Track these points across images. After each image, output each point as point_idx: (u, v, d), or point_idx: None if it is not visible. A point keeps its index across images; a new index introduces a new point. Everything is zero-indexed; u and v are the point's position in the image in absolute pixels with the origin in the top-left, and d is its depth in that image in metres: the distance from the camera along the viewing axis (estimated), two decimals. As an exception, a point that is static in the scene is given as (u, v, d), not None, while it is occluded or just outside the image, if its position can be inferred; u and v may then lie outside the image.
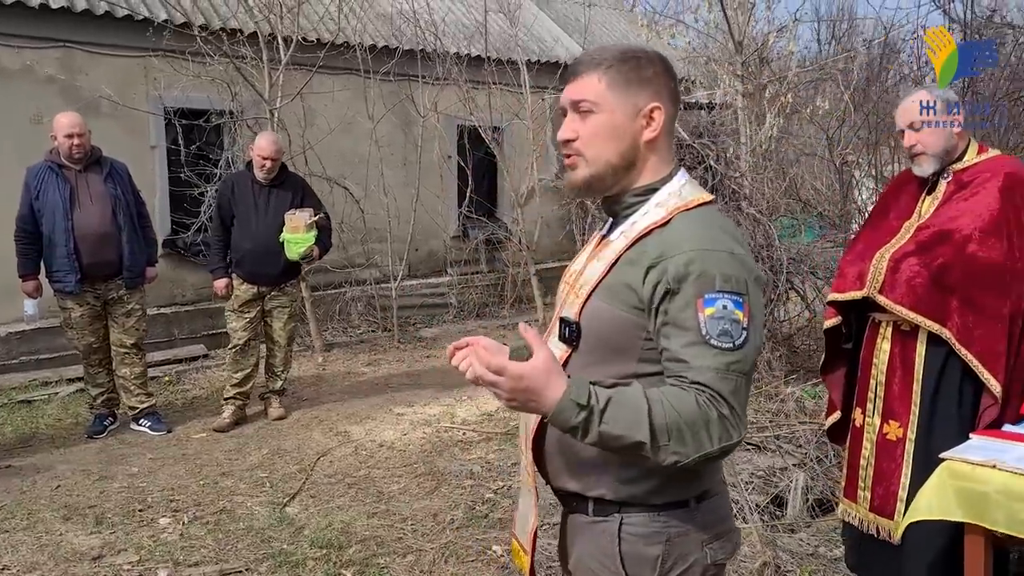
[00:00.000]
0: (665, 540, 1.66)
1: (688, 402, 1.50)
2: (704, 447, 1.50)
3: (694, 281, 1.53)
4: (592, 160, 1.69)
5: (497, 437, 5.57)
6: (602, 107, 1.66)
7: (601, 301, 1.65)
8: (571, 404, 1.48)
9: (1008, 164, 3.09)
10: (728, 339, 1.52)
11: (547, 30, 12.12)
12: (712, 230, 1.62)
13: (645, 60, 1.70)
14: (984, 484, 2.58)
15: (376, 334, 9.08)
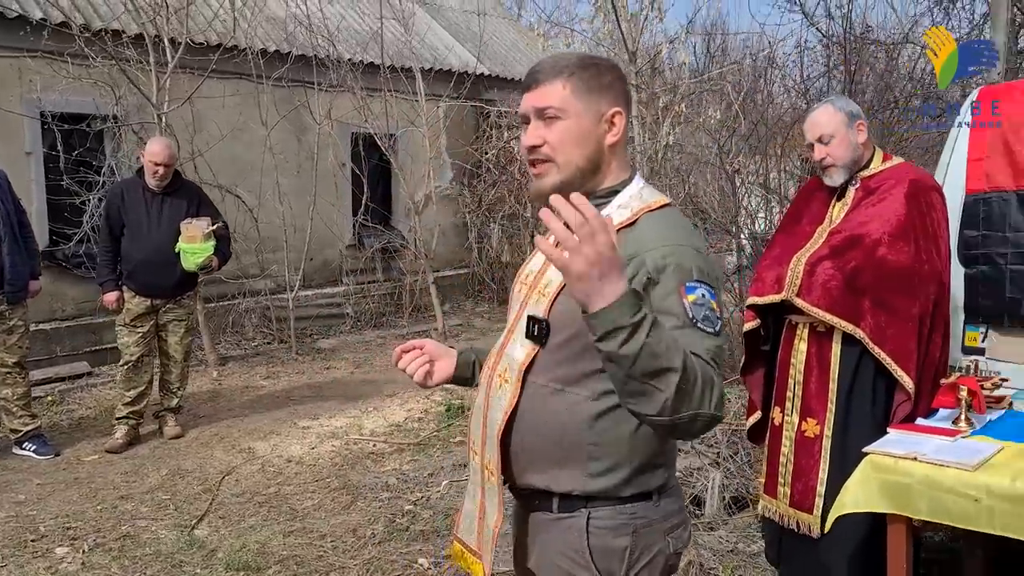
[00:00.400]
0: (632, 532, 1.70)
1: (701, 361, 1.50)
2: (704, 406, 1.47)
3: (674, 272, 1.59)
4: (563, 165, 1.72)
5: (410, 448, 5.50)
6: (568, 113, 1.70)
7: (571, 299, 1.63)
8: (633, 300, 1.38)
9: (912, 171, 3.26)
10: (711, 325, 1.58)
11: (440, 38, 12.09)
12: (680, 229, 1.69)
13: (604, 67, 1.76)
14: (907, 476, 2.70)
15: (272, 346, 8.83)
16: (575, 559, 1.71)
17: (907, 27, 11.11)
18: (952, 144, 3.61)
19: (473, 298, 11.74)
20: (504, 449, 1.75)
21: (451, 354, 2.02)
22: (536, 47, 14.35)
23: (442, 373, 2.00)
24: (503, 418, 1.73)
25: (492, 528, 1.78)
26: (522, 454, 1.73)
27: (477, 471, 1.84)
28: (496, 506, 1.77)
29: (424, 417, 6.32)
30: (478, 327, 10.23)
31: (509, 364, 1.76)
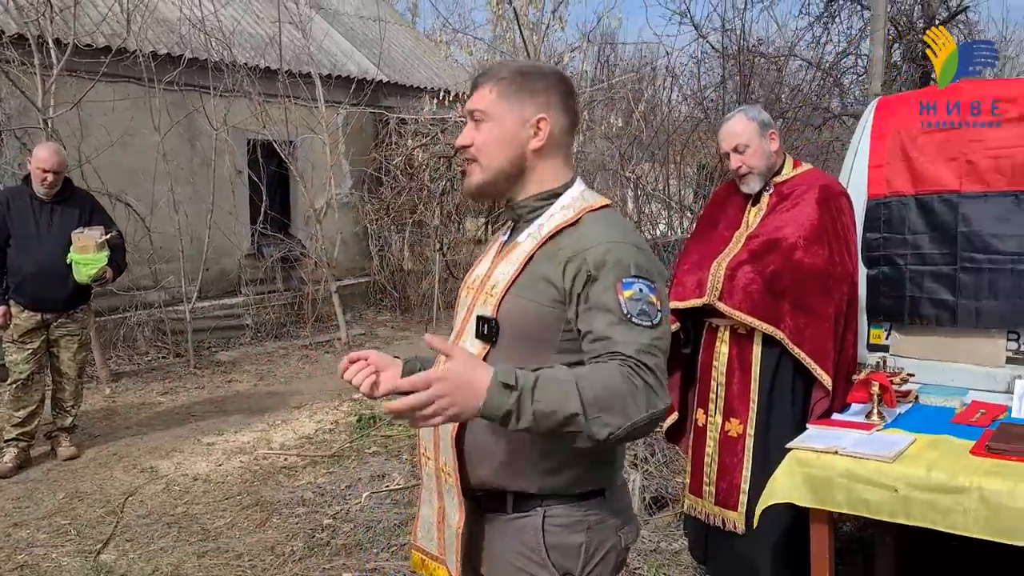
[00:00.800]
0: (586, 528, 1.74)
1: (613, 374, 1.55)
2: (633, 416, 1.53)
3: (612, 268, 1.64)
4: (485, 166, 1.78)
5: (324, 460, 5.38)
6: (492, 116, 1.77)
7: (520, 297, 1.72)
8: (500, 388, 1.46)
9: (821, 177, 3.41)
10: (647, 318, 1.62)
11: (337, 44, 11.92)
12: (620, 227, 1.75)
13: (537, 75, 1.81)
14: (828, 469, 2.81)
15: (168, 360, 8.50)
16: (532, 558, 1.73)
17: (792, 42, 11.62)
18: (854, 151, 3.79)
19: (375, 307, 11.61)
20: (458, 450, 1.76)
21: (396, 364, 2.00)
22: (435, 54, 14.36)
23: (388, 383, 1.97)
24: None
25: (455, 528, 1.78)
26: (475, 453, 1.75)
27: (432, 476, 1.85)
28: (456, 506, 1.78)
29: (335, 428, 6.20)
30: (382, 336, 10.12)
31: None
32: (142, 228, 8.54)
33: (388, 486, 4.70)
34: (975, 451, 2.78)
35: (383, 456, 5.33)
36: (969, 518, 2.57)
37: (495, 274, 1.79)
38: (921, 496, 2.66)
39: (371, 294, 11.68)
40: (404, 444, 5.55)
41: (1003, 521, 2.53)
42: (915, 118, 3.61)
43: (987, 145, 3.39)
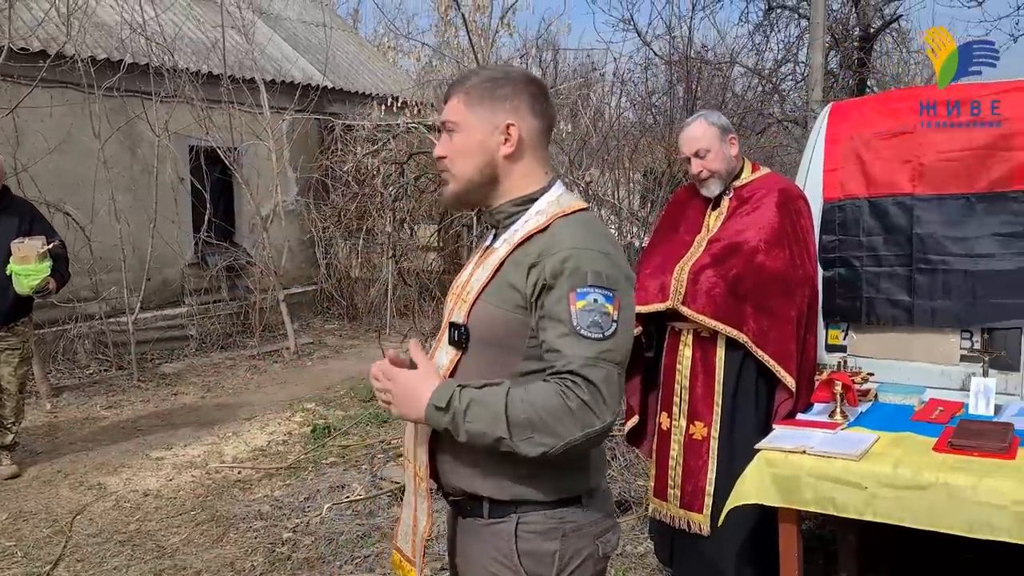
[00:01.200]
0: (561, 536, 1.73)
1: (548, 394, 1.59)
2: (565, 435, 1.58)
3: (568, 277, 1.63)
4: (457, 176, 1.79)
5: (280, 473, 5.28)
6: (461, 126, 1.77)
7: (488, 303, 1.73)
8: (432, 408, 1.62)
9: (780, 181, 3.46)
10: (598, 330, 1.62)
11: (280, 50, 11.76)
12: (587, 232, 1.72)
13: (503, 80, 1.79)
14: (796, 468, 2.85)
15: (110, 373, 8.26)
16: (505, 563, 1.73)
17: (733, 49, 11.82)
18: (809, 155, 3.86)
19: (322, 315, 11.46)
20: (432, 455, 1.77)
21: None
22: (379, 60, 14.27)
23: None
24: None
25: (421, 533, 1.80)
26: (449, 459, 1.76)
27: (411, 479, 1.87)
28: (425, 512, 1.79)
29: (288, 440, 6.09)
30: (331, 345, 9.99)
31: (436, 371, 1.77)
32: (82, 238, 8.29)
33: (348, 497, 4.63)
34: (938, 448, 2.84)
35: (341, 467, 5.25)
36: (935, 513, 2.63)
37: (472, 280, 1.79)
38: (888, 493, 2.71)
39: (318, 302, 11.54)
40: (362, 454, 5.48)
41: (968, 515, 2.59)
42: (867, 123, 3.70)
43: (939, 148, 3.49)
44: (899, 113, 3.64)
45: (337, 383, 7.99)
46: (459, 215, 6.34)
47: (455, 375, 1.73)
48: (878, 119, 3.70)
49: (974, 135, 3.43)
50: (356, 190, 7.68)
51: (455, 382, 1.65)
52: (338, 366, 8.87)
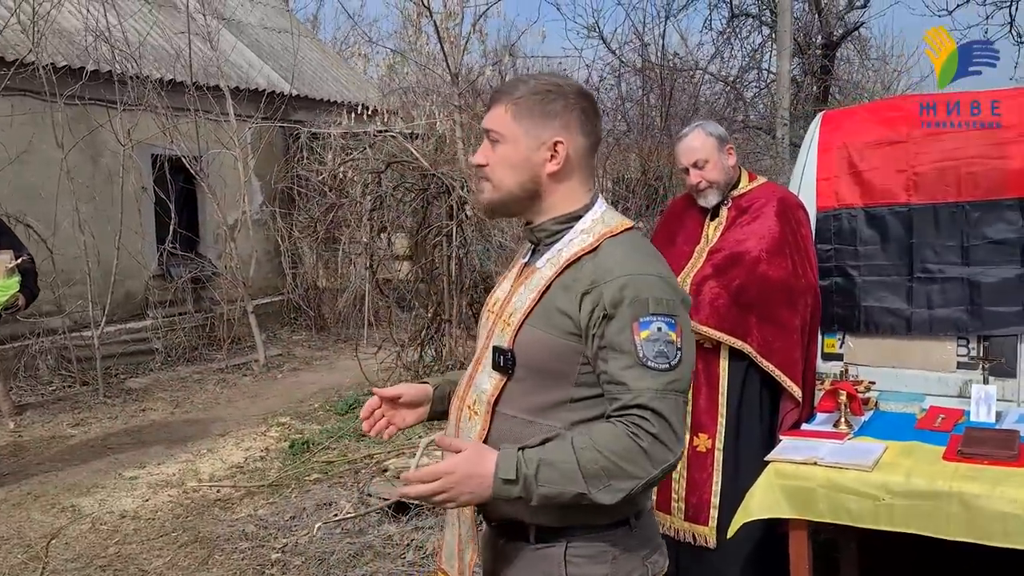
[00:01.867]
0: (611, 559, 1.69)
1: (619, 437, 1.55)
2: (646, 474, 1.56)
3: (629, 305, 1.58)
4: (496, 187, 1.73)
5: (262, 491, 5.16)
6: (507, 138, 1.71)
7: (536, 328, 1.67)
8: (501, 483, 1.53)
9: (778, 190, 3.46)
10: (664, 360, 1.58)
11: (244, 57, 11.59)
12: (641, 255, 1.68)
13: (555, 93, 1.72)
14: (808, 480, 2.84)
15: (75, 390, 8.03)
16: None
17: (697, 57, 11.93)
18: (802, 164, 3.87)
19: (290, 326, 11.30)
20: None
21: (424, 395, 1.93)
22: (343, 67, 14.14)
23: (414, 417, 1.95)
24: None
25: (468, 563, 1.75)
26: None
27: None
28: (469, 540, 1.74)
29: (266, 456, 5.97)
30: (300, 356, 9.84)
31: (478, 396, 1.73)
32: (44, 250, 8.05)
33: (336, 515, 4.53)
34: (948, 456, 2.85)
35: (326, 483, 5.15)
36: (951, 523, 2.63)
37: (514, 300, 1.74)
38: (902, 503, 2.71)
39: (285, 313, 11.37)
40: (346, 470, 5.38)
41: (982, 524, 2.60)
42: (861, 132, 3.72)
43: (932, 157, 3.51)
44: (891, 122, 3.66)
45: (311, 396, 7.86)
46: (437, 224, 6.27)
47: (500, 401, 1.68)
48: (870, 128, 3.71)
49: (967, 144, 3.45)
50: (333, 199, 7.56)
51: (514, 448, 1.57)
52: (310, 378, 8.73)
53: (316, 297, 11.28)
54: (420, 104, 10.67)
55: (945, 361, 3.55)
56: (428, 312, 6.74)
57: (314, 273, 11.33)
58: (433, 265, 6.71)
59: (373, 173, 6.18)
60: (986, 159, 3.42)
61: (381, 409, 1.93)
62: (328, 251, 10.80)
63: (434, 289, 6.89)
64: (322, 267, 11.25)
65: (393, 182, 6.12)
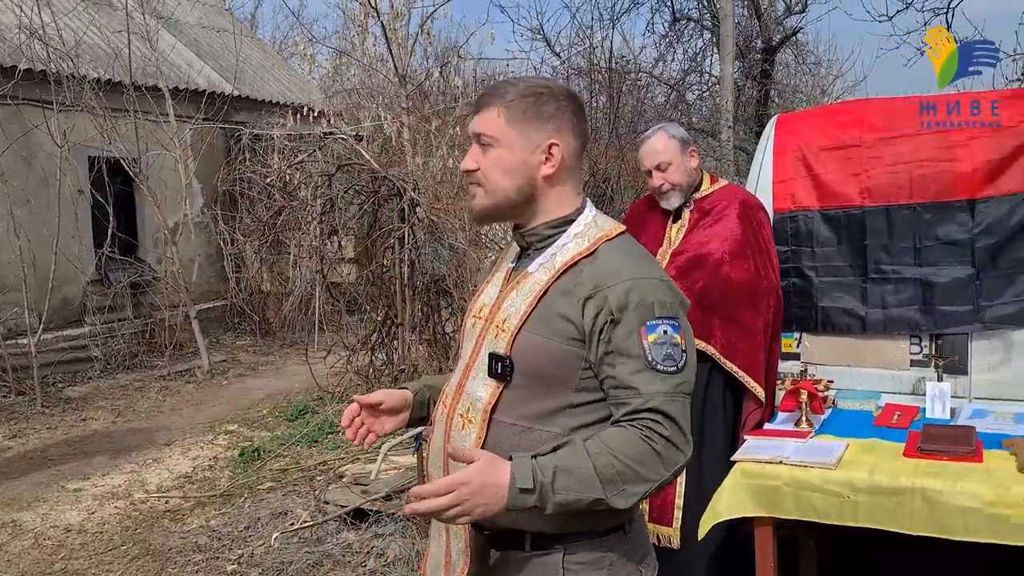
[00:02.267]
0: (608, 565, 1.68)
1: (633, 441, 1.54)
2: (659, 477, 1.56)
3: (635, 310, 1.58)
4: (490, 192, 1.71)
5: (214, 501, 5.03)
6: (500, 142, 1.68)
7: (534, 334, 1.64)
8: (517, 493, 1.49)
9: (739, 192, 3.50)
10: (672, 363, 1.58)
11: (183, 57, 11.33)
12: (640, 258, 1.69)
13: (547, 96, 1.71)
14: (774, 479, 2.87)
15: (10, 400, 7.75)
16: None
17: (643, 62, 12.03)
18: (758, 166, 3.92)
19: (233, 331, 11.09)
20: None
21: (405, 401, 1.90)
22: (284, 67, 13.93)
23: (393, 423, 1.92)
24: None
25: (459, 573, 1.71)
26: None
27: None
28: (462, 552, 1.70)
29: (215, 465, 5.83)
30: (244, 362, 9.66)
31: (472, 404, 1.70)
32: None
33: (293, 524, 4.44)
34: (908, 453, 2.91)
35: (280, 491, 5.05)
36: (914, 518, 2.69)
37: (505, 306, 1.71)
38: (866, 499, 2.76)
39: (228, 318, 11.15)
40: (300, 477, 5.29)
41: (944, 519, 2.66)
42: (816, 135, 3.78)
43: (885, 161, 3.59)
44: (844, 126, 3.73)
45: (258, 402, 7.73)
46: (388, 226, 6.21)
47: (497, 408, 1.65)
48: (823, 132, 3.78)
49: (919, 148, 3.53)
50: (282, 202, 7.43)
51: (527, 456, 1.54)
52: (256, 384, 8.58)
53: (260, 301, 11.09)
54: (365, 106, 10.58)
55: (899, 359, 3.64)
56: (379, 316, 6.67)
57: (258, 277, 11.14)
58: (383, 268, 6.65)
59: (324, 175, 6.09)
60: (936, 162, 3.51)
61: (361, 416, 1.89)
62: (273, 254, 10.62)
63: (384, 292, 6.83)
64: (266, 271, 11.06)
65: (344, 184, 6.04)
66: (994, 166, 3.41)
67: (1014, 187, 3.39)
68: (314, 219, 6.23)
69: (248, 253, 11.00)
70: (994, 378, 3.51)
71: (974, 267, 3.43)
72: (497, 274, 1.83)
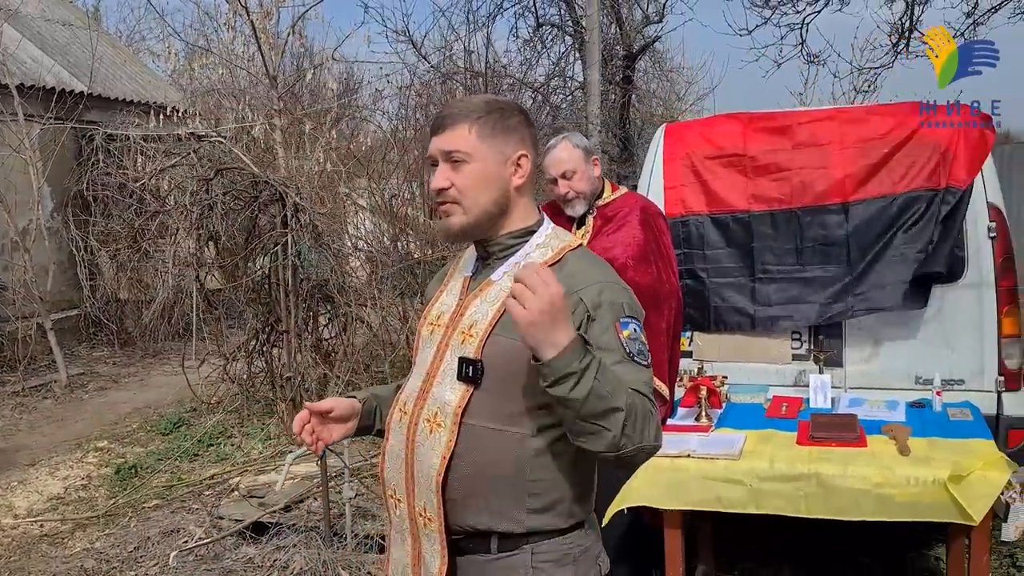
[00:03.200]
0: (572, 561, 1.74)
1: (639, 396, 1.59)
2: (645, 439, 1.59)
3: (608, 308, 1.67)
4: (469, 208, 1.74)
5: (95, 522, 4.79)
6: (474, 157, 1.73)
7: (505, 338, 1.68)
8: (581, 346, 1.50)
9: (640, 200, 3.65)
10: (644, 358, 1.68)
11: (29, 53, 10.63)
12: (604, 267, 1.79)
13: (508, 110, 1.79)
14: (682, 472, 3.05)
15: None
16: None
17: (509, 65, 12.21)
18: (648, 174, 4.11)
19: (89, 342, 10.49)
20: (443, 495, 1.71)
21: (352, 410, 1.91)
22: (136, 63, 13.30)
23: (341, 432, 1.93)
24: (441, 463, 1.69)
25: (435, 574, 1.73)
26: (460, 497, 1.71)
27: (404, 519, 1.80)
28: (437, 553, 1.73)
29: (89, 484, 5.54)
30: (105, 374, 9.17)
31: (440, 408, 1.72)
32: None
33: (188, 541, 4.29)
34: (801, 441, 3.15)
35: (168, 508, 4.85)
36: (811, 502, 2.92)
37: (470, 313, 1.75)
38: (768, 487, 2.97)
39: (83, 329, 10.54)
40: (187, 492, 5.10)
41: (838, 501, 2.90)
42: (703, 143, 4.01)
43: (768, 170, 3.85)
44: (728, 136, 3.98)
45: (125, 416, 7.37)
46: (270, 232, 6.07)
47: (467, 412, 1.68)
48: (710, 141, 4.02)
49: (797, 156, 3.82)
50: (156, 206, 7.09)
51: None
52: (121, 397, 8.17)
53: (118, 310, 10.55)
54: (228, 106, 10.27)
55: (782, 354, 3.92)
56: (259, 322, 6.50)
57: (115, 285, 10.59)
58: (265, 274, 6.49)
59: (202, 180, 5.88)
60: (814, 169, 3.80)
61: (311, 424, 1.88)
62: (132, 261, 10.13)
63: (263, 299, 6.66)
64: (124, 278, 10.54)
65: (222, 188, 5.86)
66: (864, 172, 3.73)
67: (883, 191, 3.71)
68: (192, 225, 6.00)
69: (104, 259, 10.45)
70: (865, 369, 3.84)
71: (848, 264, 3.73)
72: (452, 283, 1.87)
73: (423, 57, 11.91)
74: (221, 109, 10.91)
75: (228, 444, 6.08)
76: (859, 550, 3.92)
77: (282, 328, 6.16)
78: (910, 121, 3.74)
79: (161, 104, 10.09)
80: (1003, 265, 3.66)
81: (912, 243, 3.67)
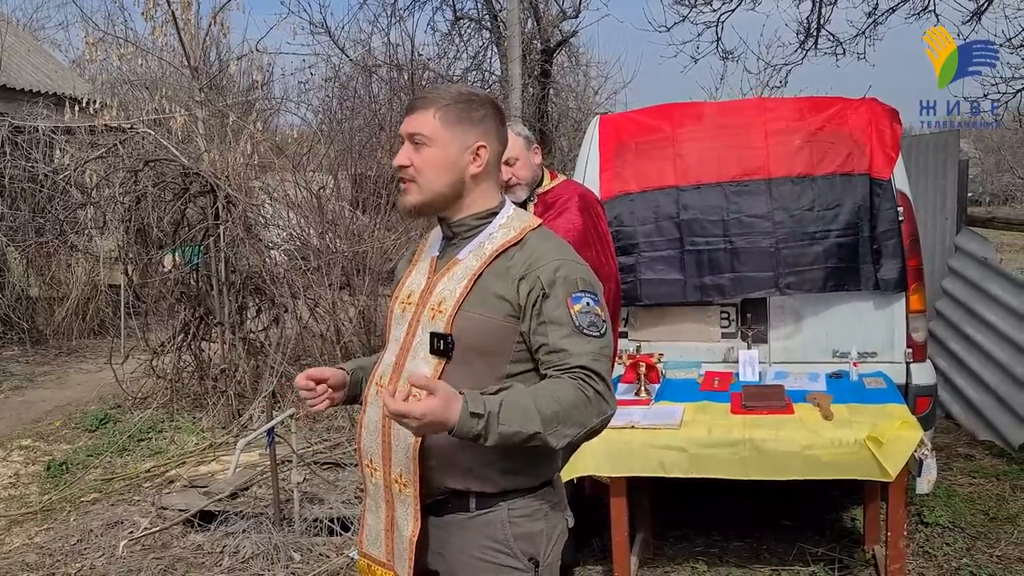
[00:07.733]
0: (544, 515, 1.90)
1: (567, 388, 1.75)
2: (588, 423, 1.76)
3: (562, 285, 1.81)
4: (424, 187, 1.89)
5: (31, 517, 4.71)
6: (435, 141, 1.87)
7: (473, 312, 1.83)
8: (468, 417, 1.63)
9: (578, 187, 3.83)
10: (596, 329, 1.82)
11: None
12: (561, 245, 1.93)
13: (477, 103, 1.92)
14: (628, 442, 3.24)
15: None
16: (500, 549, 1.86)
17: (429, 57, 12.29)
18: (585, 161, 4.31)
19: (-5, 341, 10.12)
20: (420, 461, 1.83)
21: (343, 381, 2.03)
22: (40, 53, 12.86)
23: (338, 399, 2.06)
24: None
25: (408, 537, 1.86)
26: (437, 463, 1.83)
27: (380, 486, 1.92)
28: (411, 516, 1.86)
29: (18, 482, 5.42)
30: (18, 373, 8.88)
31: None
32: None
33: (133, 532, 4.28)
34: (735, 411, 3.39)
35: (107, 502, 4.81)
36: (748, 465, 3.15)
37: (439, 290, 1.88)
38: (706, 452, 3.19)
39: (-11, 327, 10.16)
40: (125, 486, 5.06)
41: (772, 463, 3.15)
42: (634, 131, 4.23)
43: (696, 148, 4.10)
44: (658, 120, 4.22)
45: (46, 415, 7.18)
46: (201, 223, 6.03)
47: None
48: (640, 127, 4.25)
49: (722, 138, 4.07)
50: (82, 199, 6.91)
51: (477, 391, 1.69)
52: (38, 396, 7.95)
53: (29, 308, 10.21)
54: (142, 97, 10.06)
55: (712, 333, 4.17)
56: (188, 315, 6.44)
57: (24, 281, 10.24)
58: (193, 267, 6.44)
59: (130, 172, 5.80)
60: (739, 148, 4.05)
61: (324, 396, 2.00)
62: (42, 256, 9.81)
63: (189, 293, 6.60)
64: (34, 274, 10.20)
65: (151, 180, 5.79)
66: (786, 154, 4.00)
67: (803, 171, 3.98)
68: (121, 218, 5.91)
69: (13, 255, 10.08)
70: (788, 345, 4.12)
71: (774, 238, 3.98)
72: (420, 264, 2.00)
73: (341, 50, 11.92)
74: (135, 100, 10.67)
75: (160, 438, 6.02)
76: (782, 515, 4.21)
77: (215, 320, 6.13)
78: (826, 112, 4.03)
79: (72, 96, 9.81)
80: (910, 246, 3.98)
81: (833, 224, 3.94)
